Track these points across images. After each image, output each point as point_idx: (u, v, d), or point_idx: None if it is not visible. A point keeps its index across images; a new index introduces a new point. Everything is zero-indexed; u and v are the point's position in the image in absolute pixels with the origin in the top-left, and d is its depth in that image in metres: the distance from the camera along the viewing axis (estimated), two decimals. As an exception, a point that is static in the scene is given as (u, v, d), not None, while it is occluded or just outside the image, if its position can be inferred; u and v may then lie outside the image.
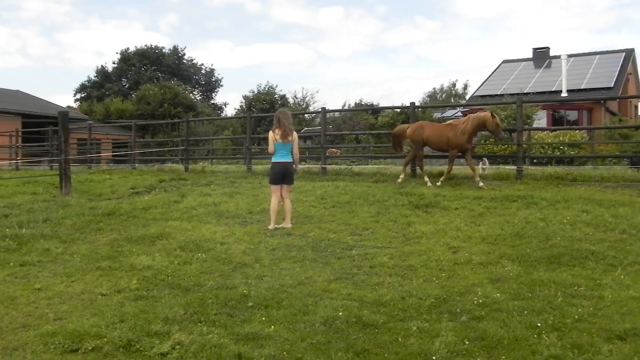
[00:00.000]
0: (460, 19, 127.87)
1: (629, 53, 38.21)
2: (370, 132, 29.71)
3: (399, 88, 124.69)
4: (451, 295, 6.08)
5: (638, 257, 7.31)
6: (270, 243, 8.72)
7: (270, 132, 10.23)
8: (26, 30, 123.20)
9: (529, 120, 23.71)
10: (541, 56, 40.80)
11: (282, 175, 10.26)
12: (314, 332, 5.09)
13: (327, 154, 19.02)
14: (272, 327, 5.21)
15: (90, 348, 4.82)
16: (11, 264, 7.79)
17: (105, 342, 4.90)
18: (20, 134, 35.10)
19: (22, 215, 11.57)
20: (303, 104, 51.41)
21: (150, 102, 53.40)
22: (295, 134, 10.32)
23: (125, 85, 74.45)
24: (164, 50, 75.91)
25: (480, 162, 17.01)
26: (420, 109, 39.14)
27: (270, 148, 10.22)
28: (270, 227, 9.86)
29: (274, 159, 10.22)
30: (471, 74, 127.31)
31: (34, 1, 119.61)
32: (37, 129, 35.97)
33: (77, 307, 5.98)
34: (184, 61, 77.29)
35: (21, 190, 15.85)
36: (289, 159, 10.28)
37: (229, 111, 75.34)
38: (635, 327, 4.98)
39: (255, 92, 46.66)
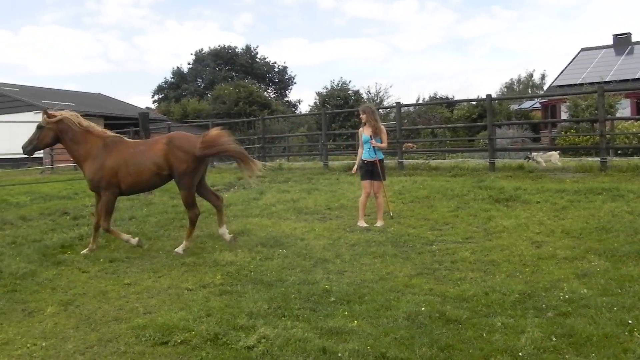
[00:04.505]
0: (538, 7, 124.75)
1: None
2: (447, 125, 29.39)
3: (475, 80, 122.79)
4: (536, 290, 5.95)
5: None
6: (349, 239, 8.77)
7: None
8: (107, 35, 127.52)
9: (612, 110, 22.95)
10: (622, 42, 39.19)
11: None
12: (397, 327, 5.08)
13: (403, 149, 18.93)
14: (355, 322, 5.23)
15: (179, 341, 4.95)
16: (101, 259, 8.09)
17: (194, 335, 5.02)
18: (103, 135, 36.35)
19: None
20: (377, 99, 51.15)
21: (226, 101, 54.25)
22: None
23: (200, 85, 75.94)
24: (237, 50, 77.03)
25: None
26: (497, 101, 38.56)
27: None
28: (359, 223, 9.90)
29: None
30: (548, 63, 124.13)
31: (113, 7, 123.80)
32: (118, 130, 37.12)
33: (165, 301, 6.16)
34: (257, 60, 78.16)
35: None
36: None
37: (303, 108, 75.80)
38: None
39: (329, 88, 46.70)
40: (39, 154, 33.56)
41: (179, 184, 8.65)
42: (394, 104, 23.37)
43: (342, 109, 37.94)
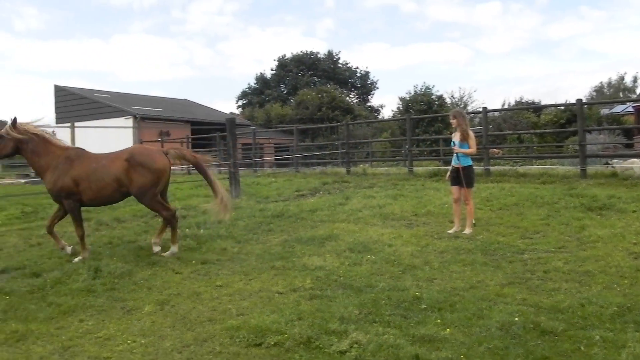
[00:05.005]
0: (629, 6, 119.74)
1: None
2: (534, 131, 28.72)
3: (563, 84, 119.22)
4: (636, 303, 5.73)
5: None
6: (438, 246, 8.69)
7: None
8: (192, 42, 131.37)
9: None
10: None
11: None
12: (490, 337, 5.00)
13: (489, 155, 18.60)
14: (447, 330, 5.18)
15: (272, 343, 5.03)
16: (193, 262, 8.31)
17: (286, 338, 5.09)
18: (189, 140, 37.37)
19: (198, 216, 12.31)
20: (461, 104, 50.55)
21: (309, 106, 54.84)
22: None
23: (283, 90, 77.00)
24: (319, 55, 77.67)
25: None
26: (587, 106, 37.32)
27: None
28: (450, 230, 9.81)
29: None
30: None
31: (198, 15, 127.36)
32: (204, 135, 38.19)
33: (256, 304, 6.27)
34: (339, 65, 78.57)
35: (195, 193, 16.84)
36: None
37: (386, 113, 75.72)
38: None
39: (412, 93, 46.47)
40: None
41: (140, 199, 8.87)
42: (480, 109, 23.01)
43: (425, 114, 37.67)
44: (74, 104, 45.75)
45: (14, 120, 8.82)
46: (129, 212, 13.58)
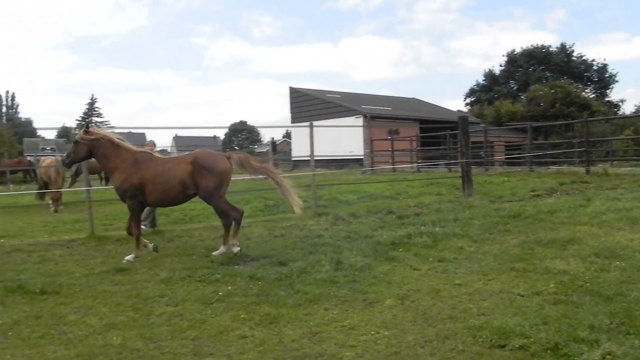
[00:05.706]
0: None
1: None
2: None
3: None
4: None
5: None
6: (697, 256, 7.90)
7: None
8: (418, 40, 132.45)
9: None
10: None
11: None
12: None
13: None
14: None
15: (517, 346, 4.92)
16: (430, 259, 8.40)
17: (532, 342, 4.95)
18: (419, 138, 37.69)
19: (432, 214, 12.41)
20: None
21: (541, 102, 52.70)
22: None
23: (513, 87, 74.71)
24: (550, 49, 74.20)
25: None
26: None
27: None
28: None
29: None
30: None
31: (423, 13, 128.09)
32: (432, 134, 38.31)
33: (497, 305, 6.17)
34: (573, 58, 74.39)
35: (426, 191, 17.01)
36: None
37: (627, 108, 70.38)
38: None
39: (660, 86, 42.71)
40: (359, 156, 36.00)
41: (208, 201, 9.37)
42: None
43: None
44: (308, 104, 48.37)
45: (87, 126, 9.58)
46: (364, 208, 14.10)
